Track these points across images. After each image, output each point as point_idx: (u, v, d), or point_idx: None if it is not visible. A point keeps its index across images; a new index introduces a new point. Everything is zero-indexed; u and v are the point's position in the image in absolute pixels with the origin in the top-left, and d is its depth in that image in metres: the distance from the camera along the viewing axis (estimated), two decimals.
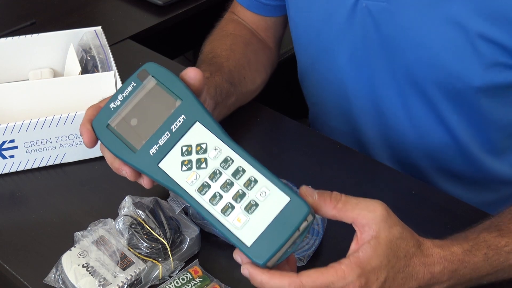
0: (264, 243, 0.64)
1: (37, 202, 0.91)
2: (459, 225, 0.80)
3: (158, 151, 0.70)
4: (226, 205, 0.66)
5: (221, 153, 0.68)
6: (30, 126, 0.91)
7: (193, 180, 0.68)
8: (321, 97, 1.10)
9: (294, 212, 0.65)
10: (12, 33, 1.15)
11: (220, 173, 0.67)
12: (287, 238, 0.64)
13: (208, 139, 0.69)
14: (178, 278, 0.78)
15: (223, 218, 0.66)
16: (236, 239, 0.65)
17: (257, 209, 0.65)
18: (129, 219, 0.80)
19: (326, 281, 0.64)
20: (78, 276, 0.77)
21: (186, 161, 0.68)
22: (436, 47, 0.90)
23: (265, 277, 0.65)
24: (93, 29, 1.05)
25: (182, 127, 0.70)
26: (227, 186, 0.67)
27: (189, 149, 0.69)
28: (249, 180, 0.66)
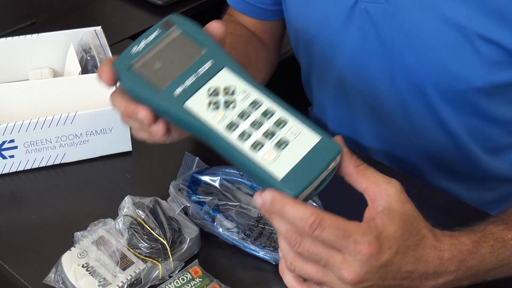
0: (295, 176, 0.63)
1: (37, 202, 0.91)
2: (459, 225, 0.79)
3: (184, 91, 0.67)
4: (256, 141, 0.65)
5: (250, 96, 0.67)
6: (30, 126, 0.91)
7: (221, 119, 0.66)
8: (321, 100, 1.10)
9: (325, 150, 0.64)
10: (12, 33, 1.15)
11: (249, 113, 0.66)
12: (319, 172, 0.63)
13: (237, 83, 0.68)
14: (178, 278, 0.78)
15: (254, 153, 0.64)
16: (267, 174, 0.63)
17: (288, 146, 0.64)
18: (129, 219, 0.80)
19: (347, 228, 0.62)
20: (78, 276, 0.77)
21: (214, 101, 0.67)
22: (436, 48, 0.90)
23: (289, 202, 0.62)
24: (93, 29, 1.05)
25: (209, 70, 0.68)
26: (257, 125, 0.65)
27: (216, 91, 0.67)
28: (279, 120, 0.65)
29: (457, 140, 0.99)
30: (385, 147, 1.05)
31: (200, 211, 0.83)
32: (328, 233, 0.62)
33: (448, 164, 1.02)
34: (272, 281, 0.81)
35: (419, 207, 0.90)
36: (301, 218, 0.62)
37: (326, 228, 0.62)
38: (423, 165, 1.03)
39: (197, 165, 0.89)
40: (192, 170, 0.88)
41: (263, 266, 0.81)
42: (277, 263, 0.81)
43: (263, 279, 0.81)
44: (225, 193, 0.88)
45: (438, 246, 0.68)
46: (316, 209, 0.63)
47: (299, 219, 0.62)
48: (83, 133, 0.94)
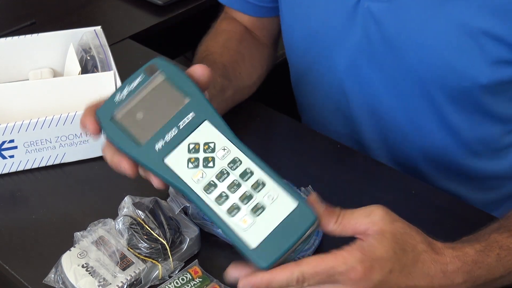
0: (269, 246, 0.63)
1: (37, 202, 0.91)
2: (460, 226, 0.80)
3: (164, 147, 0.67)
4: (233, 206, 0.65)
5: (230, 154, 0.67)
6: (30, 126, 0.91)
7: (199, 178, 0.66)
8: (319, 101, 1.09)
9: (301, 218, 0.64)
10: (12, 33, 1.15)
11: (227, 173, 0.66)
12: (292, 243, 0.63)
13: (217, 138, 0.67)
14: (177, 278, 0.78)
15: (229, 218, 0.65)
16: (240, 241, 0.64)
17: (264, 212, 0.64)
18: (128, 219, 0.80)
19: (326, 267, 0.63)
20: (78, 276, 0.77)
21: (193, 158, 0.67)
22: (440, 47, 0.90)
23: (267, 276, 0.64)
24: (93, 29, 1.05)
25: (190, 124, 0.68)
26: (234, 187, 0.65)
27: (196, 147, 0.67)
28: (257, 183, 0.65)
29: (459, 139, 0.98)
30: (386, 147, 1.04)
31: (200, 211, 0.83)
32: (314, 280, 0.64)
33: (450, 164, 1.02)
34: None
35: (419, 207, 0.90)
36: (287, 282, 0.63)
37: (310, 278, 0.63)
38: (424, 165, 1.03)
39: None
40: None
41: None
42: None
43: None
44: None
45: (439, 259, 0.68)
46: (291, 266, 0.63)
47: (285, 283, 0.64)
48: (83, 133, 0.94)
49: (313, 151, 1.00)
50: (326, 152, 1.00)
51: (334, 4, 0.96)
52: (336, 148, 1.00)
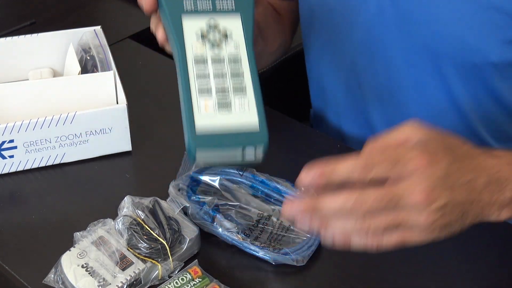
0: (209, 138, 0.64)
1: (37, 202, 0.91)
2: None
3: (191, 5, 0.69)
4: (206, 88, 0.66)
5: (237, 50, 0.68)
6: (29, 126, 0.91)
7: (197, 47, 0.68)
8: (331, 83, 1.09)
9: (252, 135, 0.65)
10: (12, 33, 1.15)
11: (223, 62, 0.67)
12: (228, 146, 0.64)
13: (236, 33, 0.69)
14: (177, 279, 0.78)
15: (196, 96, 0.65)
16: (191, 120, 0.64)
17: (226, 111, 0.65)
18: (128, 219, 0.80)
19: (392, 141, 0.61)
20: (77, 276, 0.77)
21: (206, 33, 0.68)
22: (452, 21, 0.90)
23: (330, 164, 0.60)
24: (92, 29, 1.05)
25: (225, 6, 0.69)
26: (220, 77, 0.67)
27: (216, 26, 0.69)
28: (240, 87, 0.67)
29: (469, 124, 0.98)
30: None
31: (199, 211, 0.83)
32: (382, 159, 0.60)
33: None
34: (272, 281, 0.81)
35: None
36: (352, 168, 0.60)
37: (376, 160, 0.60)
38: None
39: (197, 165, 0.89)
40: (192, 170, 0.88)
41: (263, 266, 0.81)
42: (276, 263, 0.81)
43: (262, 279, 0.81)
44: (225, 193, 0.88)
45: (492, 153, 0.65)
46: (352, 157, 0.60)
47: (351, 169, 0.60)
48: (82, 133, 0.94)
49: (313, 151, 1.00)
50: (326, 152, 0.99)
51: None
52: (336, 148, 1.00)
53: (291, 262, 0.80)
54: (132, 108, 0.96)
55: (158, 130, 1.02)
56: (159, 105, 1.08)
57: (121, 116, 0.95)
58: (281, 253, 0.80)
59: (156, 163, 0.97)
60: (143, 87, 1.10)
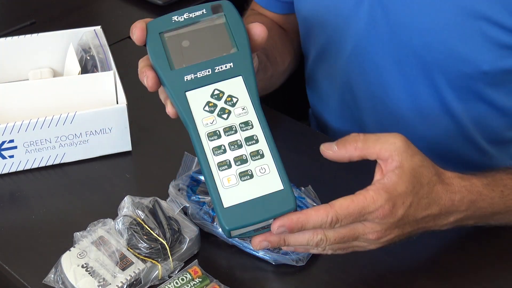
0: (239, 212, 0.65)
1: (37, 202, 0.91)
2: None
3: (192, 81, 0.69)
4: (225, 161, 0.66)
5: (246, 115, 0.68)
6: (29, 126, 0.91)
7: (208, 123, 0.68)
8: (326, 92, 1.09)
9: (280, 201, 0.65)
10: (12, 33, 1.15)
11: (235, 130, 0.67)
12: (261, 220, 0.65)
13: (242, 96, 0.69)
14: (177, 279, 0.78)
15: (217, 171, 0.66)
16: (217, 195, 0.65)
17: (249, 180, 0.66)
18: (128, 219, 0.80)
19: (358, 207, 0.68)
20: (77, 276, 0.77)
21: (212, 103, 0.68)
22: (443, 31, 0.90)
23: (302, 218, 0.67)
24: (92, 29, 1.05)
25: (225, 72, 0.69)
26: (235, 146, 0.67)
27: (220, 95, 0.69)
28: (257, 152, 0.67)
29: (462, 129, 0.99)
30: None
31: (199, 211, 0.83)
32: (347, 221, 0.69)
33: (454, 156, 1.02)
34: (272, 281, 0.81)
35: None
36: (320, 224, 0.68)
37: (343, 219, 0.68)
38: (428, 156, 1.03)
39: (197, 165, 0.89)
40: (192, 170, 0.88)
41: (263, 266, 0.81)
42: (276, 263, 0.81)
43: (262, 279, 0.81)
44: None
45: (449, 189, 0.74)
46: (324, 207, 0.68)
47: (319, 225, 0.68)
48: (82, 133, 0.94)
49: (313, 151, 0.99)
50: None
51: None
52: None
53: (291, 262, 0.80)
54: (132, 108, 0.96)
55: (158, 130, 1.02)
56: (159, 105, 1.07)
57: (121, 116, 0.95)
58: (281, 253, 0.80)
59: (156, 163, 0.97)
60: (143, 87, 1.10)
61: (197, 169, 0.89)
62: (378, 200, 0.69)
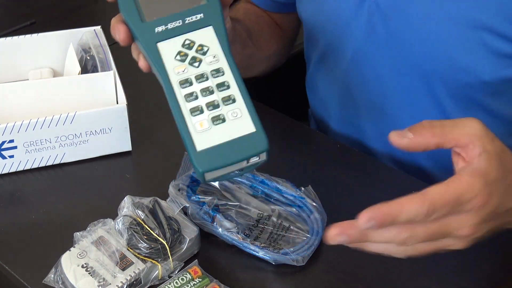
0: (212, 155, 0.65)
1: (37, 202, 0.91)
2: None
3: (163, 32, 0.70)
4: (197, 107, 0.67)
5: (217, 63, 0.69)
6: (29, 126, 0.91)
7: (180, 72, 0.68)
8: (325, 97, 1.09)
9: (253, 143, 0.65)
10: (12, 33, 1.15)
11: (206, 78, 0.68)
12: (233, 161, 0.65)
13: (212, 45, 0.70)
14: (177, 279, 0.78)
15: (189, 116, 0.66)
16: (190, 140, 0.65)
17: (221, 124, 0.66)
18: (128, 219, 0.80)
19: (455, 194, 0.61)
20: (77, 276, 0.77)
21: (183, 53, 0.69)
22: (444, 41, 0.90)
23: (395, 208, 0.59)
24: (92, 29, 1.05)
25: (195, 23, 0.70)
26: (207, 92, 0.67)
27: (191, 44, 0.70)
28: (228, 97, 0.67)
29: None
30: (389, 147, 1.04)
31: (199, 211, 0.83)
32: (443, 211, 0.61)
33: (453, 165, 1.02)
34: (272, 281, 0.81)
35: None
36: (415, 215, 0.60)
37: (440, 209, 0.61)
38: (426, 165, 1.03)
39: None
40: (192, 170, 0.88)
41: (263, 266, 0.81)
42: (276, 263, 0.81)
43: (262, 279, 0.81)
44: (225, 193, 0.88)
45: None
46: (418, 196, 0.60)
47: (413, 216, 0.60)
48: (82, 133, 0.94)
49: (313, 151, 1.00)
50: (326, 152, 1.00)
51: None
52: (336, 148, 1.00)
53: (291, 262, 0.80)
54: (132, 108, 0.96)
55: (158, 130, 1.02)
56: (159, 105, 1.08)
57: (121, 116, 0.95)
58: (281, 253, 0.80)
59: (156, 163, 0.97)
60: (143, 87, 1.10)
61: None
62: (475, 185, 0.61)
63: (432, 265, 0.82)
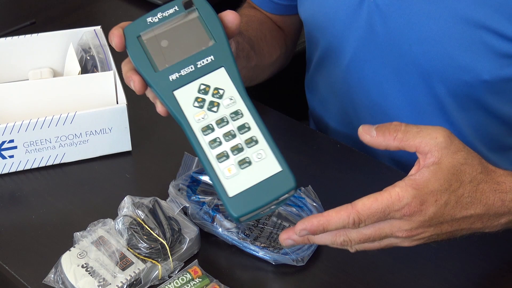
0: (244, 199, 0.66)
1: (37, 202, 0.91)
2: None
3: (178, 79, 0.70)
4: (223, 153, 0.68)
5: (235, 105, 0.69)
6: (29, 126, 0.91)
7: (200, 119, 0.69)
8: (326, 98, 1.09)
9: (281, 183, 0.67)
10: (12, 33, 1.15)
11: (227, 121, 0.69)
12: (266, 203, 0.66)
13: (227, 87, 0.70)
14: (177, 278, 0.78)
15: (216, 163, 0.67)
16: (221, 187, 0.67)
17: (249, 167, 0.67)
18: (128, 219, 0.80)
19: (382, 206, 0.66)
20: (77, 276, 0.77)
21: (200, 99, 0.70)
22: (443, 40, 0.90)
23: (323, 220, 0.66)
24: (92, 29, 1.05)
25: (207, 66, 0.71)
26: (229, 136, 0.68)
27: (206, 89, 0.70)
28: (251, 139, 0.68)
29: (462, 137, 0.98)
30: None
31: (199, 211, 0.83)
32: (370, 221, 0.66)
33: None
34: (272, 281, 0.81)
35: None
36: (342, 225, 0.67)
37: (366, 219, 0.66)
38: None
39: (197, 165, 0.89)
40: (192, 170, 0.88)
41: (263, 266, 0.81)
42: (276, 263, 0.81)
43: (262, 279, 0.81)
44: None
45: (498, 188, 0.70)
46: (346, 208, 0.66)
47: (341, 226, 0.67)
48: (82, 133, 0.94)
49: (313, 151, 1.00)
50: (326, 152, 1.00)
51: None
52: (336, 148, 1.00)
53: (291, 262, 0.80)
54: (132, 108, 0.96)
55: (158, 130, 1.02)
56: None
57: (121, 116, 0.95)
58: (281, 253, 0.80)
59: (156, 163, 0.97)
60: None
61: (197, 169, 0.89)
62: (404, 198, 0.66)
63: (432, 266, 0.82)
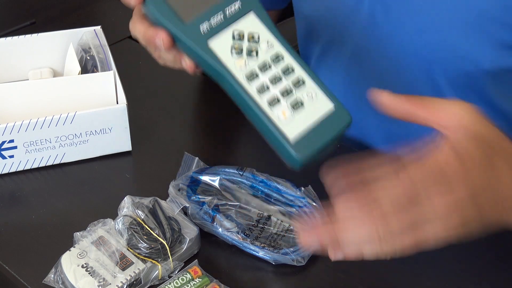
0: (305, 141, 0.63)
1: (37, 202, 0.91)
2: None
3: (209, 29, 0.66)
4: (273, 98, 0.64)
5: (273, 48, 0.66)
6: (29, 126, 0.91)
7: (242, 66, 0.65)
8: None
9: (337, 118, 0.65)
10: (12, 33, 1.15)
11: (270, 66, 0.66)
12: (328, 140, 0.64)
13: (261, 31, 0.67)
14: (177, 278, 0.78)
15: (269, 109, 0.64)
16: (280, 132, 0.63)
17: (302, 108, 0.64)
18: (128, 219, 0.80)
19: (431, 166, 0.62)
20: (77, 276, 0.77)
21: (237, 46, 0.66)
22: (443, 29, 0.90)
23: None
24: (92, 29, 1.05)
25: (236, 12, 0.67)
26: (276, 80, 0.65)
27: (241, 35, 0.67)
28: (297, 80, 0.65)
29: None
30: (389, 143, 1.04)
31: (199, 211, 0.83)
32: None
33: None
34: (272, 281, 0.81)
35: None
36: None
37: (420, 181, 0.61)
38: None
39: (197, 165, 0.89)
40: (192, 170, 0.88)
41: (263, 266, 0.81)
42: (276, 263, 0.81)
43: (263, 279, 0.81)
44: (225, 193, 0.88)
45: None
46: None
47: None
48: (82, 133, 0.94)
49: None
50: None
51: None
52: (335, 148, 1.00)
53: (291, 262, 0.80)
54: (132, 108, 0.96)
55: (158, 130, 1.02)
56: (159, 105, 1.08)
57: (121, 116, 0.95)
58: (281, 253, 0.80)
59: (156, 163, 0.97)
60: (143, 87, 1.10)
61: (197, 169, 0.89)
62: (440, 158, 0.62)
63: (432, 266, 0.82)
